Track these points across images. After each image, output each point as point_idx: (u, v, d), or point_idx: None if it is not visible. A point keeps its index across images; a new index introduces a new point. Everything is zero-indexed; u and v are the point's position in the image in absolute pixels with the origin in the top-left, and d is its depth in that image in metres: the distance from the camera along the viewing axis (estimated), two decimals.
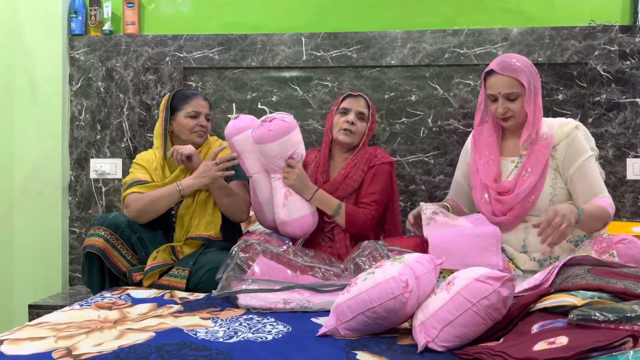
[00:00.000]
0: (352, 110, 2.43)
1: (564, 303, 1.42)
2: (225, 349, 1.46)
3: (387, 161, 2.44)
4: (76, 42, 3.07)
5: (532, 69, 2.12)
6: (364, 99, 2.47)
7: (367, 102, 2.47)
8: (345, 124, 2.42)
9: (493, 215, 2.16)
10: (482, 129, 2.25)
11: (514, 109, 2.09)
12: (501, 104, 2.09)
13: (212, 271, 2.14)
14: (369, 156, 2.44)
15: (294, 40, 2.97)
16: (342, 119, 2.43)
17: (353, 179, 2.39)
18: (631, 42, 2.81)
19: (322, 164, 2.47)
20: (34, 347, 1.49)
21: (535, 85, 2.10)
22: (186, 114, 2.43)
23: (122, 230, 2.28)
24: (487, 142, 2.22)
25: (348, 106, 2.45)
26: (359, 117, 2.44)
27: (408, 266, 1.59)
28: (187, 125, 2.43)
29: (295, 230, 2.30)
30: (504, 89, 2.08)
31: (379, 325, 1.59)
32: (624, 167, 2.82)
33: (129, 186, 2.36)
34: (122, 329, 1.65)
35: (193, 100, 2.45)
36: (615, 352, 1.17)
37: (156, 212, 2.31)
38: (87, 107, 3.07)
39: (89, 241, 2.25)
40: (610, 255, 1.85)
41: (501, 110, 2.10)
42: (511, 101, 2.09)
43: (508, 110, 2.09)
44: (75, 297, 2.70)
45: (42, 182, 3.03)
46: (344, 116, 2.44)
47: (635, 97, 2.82)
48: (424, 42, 2.92)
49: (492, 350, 1.34)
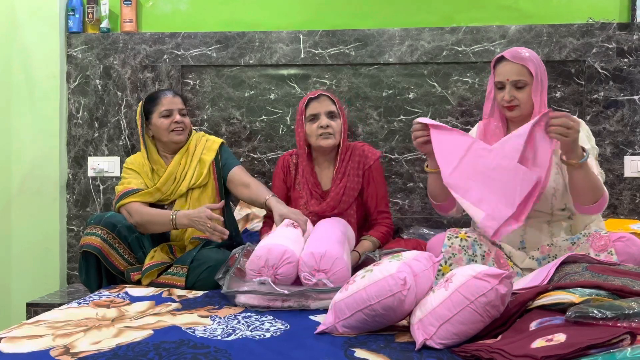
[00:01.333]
0: (321, 113, 2.34)
1: (562, 300, 1.43)
2: (223, 347, 1.46)
3: (377, 157, 2.43)
4: (74, 40, 3.06)
5: (540, 62, 2.12)
6: (327, 97, 2.38)
7: (330, 99, 2.38)
8: (321, 129, 2.33)
9: None
10: (490, 121, 2.24)
11: (520, 97, 2.09)
12: (508, 91, 2.09)
13: (210, 269, 2.14)
14: (359, 157, 2.40)
15: (292, 37, 2.97)
16: (315, 125, 2.34)
17: (353, 189, 2.37)
18: (629, 39, 2.81)
19: (310, 176, 2.41)
20: (32, 345, 1.49)
21: (542, 79, 2.10)
22: (159, 114, 2.40)
23: (119, 230, 2.28)
24: (494, 133, 2.21)
25: (315, 111, 2.35)
26: (330, 116, 2.36)
27: (406, 264, 1.59)
28: (163, 126, 2.39)
29: None
30: (512, 76, 2.09)
31: (377, 323, 1.59)
32: (621, 164, 2.83)
33: (124, 195, 2.33)
34: (120, 327, 1.65)
35: (162, 99, 2.42)
36: (613, 350, 1.17)
37: (152, 230, 2.33)
38: (85, 105, 3.06)
39: (85, 240, 2.24)
40: (609, 254, 1.85)
41: (507, 97, 2.09)
42: (518, 89, 2.09)
43: (514, 99, 2.09)
44: (73, 295, 2.70)
45: (39, 180, 3.03)
46: (315, 122, 2.35)
47: (633, 94, 2.82)
48: (422, 39, 2.91)
49: (490, 348, 1.34)
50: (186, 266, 2.20)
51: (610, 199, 2.78)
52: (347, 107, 2.94)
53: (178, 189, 2.39)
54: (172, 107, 2.41)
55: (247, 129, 3.01)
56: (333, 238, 2.05)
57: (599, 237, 1.91)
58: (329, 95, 2.39)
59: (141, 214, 2.30)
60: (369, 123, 2.95)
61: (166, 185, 2.38)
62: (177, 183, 2.40)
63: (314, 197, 2.39)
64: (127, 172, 2.44)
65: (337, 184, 2.37)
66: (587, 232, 1.99)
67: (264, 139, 3.01)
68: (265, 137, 3.01)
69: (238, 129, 3.01)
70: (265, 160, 3.00)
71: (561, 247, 2.01)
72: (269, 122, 3.00)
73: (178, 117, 2.40)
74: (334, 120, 2.36)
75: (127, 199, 2.32)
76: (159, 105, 2.40)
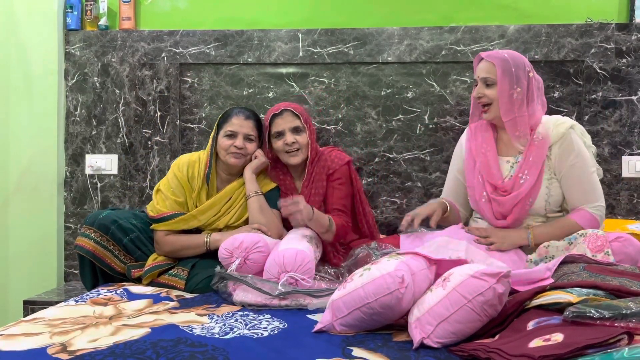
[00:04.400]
0: (285, 129, 2.34)
1: (559, 300, 1.43)
2: (221, 345, 1.46)
3: (343, 163, 2.41)
4: (72, 37, 3.05)
5: (519, 64, 2.12)
6: (290, 112, 2.35)
7: (293, 113, 2.35)
8: (286, 147, 2.34)
9: (494, 218, 2.17)
10: (479, 125, 2.26)
11: (488, 94, 2.14)
12: (478, 88, 2.15)
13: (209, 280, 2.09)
14: (324, 163, 2.40)
15: (291, 36, 2.97)
16: (280, 142, 2.35)
17: (318, 194, 2.37)
18: (627, 39, 2.82)
19: (289, 184, 2.44)
20: (28, 343, 1.49)
21: (519, 80, 2.10)
22: (224, 132, 2.32)
23: (112, 232, 2.24)
24: (484, 138, 2.22)
25: (279, 128, 2.34)
26: (295, 132, 2.35)
27: (404, 262, 1.60)
28: (223, 145, 2.31)
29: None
30: (481, 73, 2.16)
31: (374, 321, 1.59)
32: (619, 164, 2.83)
33: (159, 220, 2.27)
34: (117, 325, 1.65)
35: (233, 119, 2.33)
36: (610, 349, 1.17)
37: (184, 255, 2.26)
38: (83, 103, 3.05)
39: (79, 241, 2.23)
40: (605, 254, 1.85)
41: (475, 93, 2.16)
42: (487, 86, 2.14)
43: (484, 96, 2.14)
44: (70, 293, 2.69)
45: (37, 177, 3.02)
46: (281, 139, 2.34)
47: (631, 94, 2.83)
48: (420, 38, 2.91)
49: (488, 347, 1.34)
50: (187, 269, 2.19)
51: (608, 200, 2.80)
52: (345, 105, 2.94)
53: (216, 223, 2.31)
54: (238, 130, 2.31)
55: None
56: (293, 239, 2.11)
57: (595, 237, 1.92)
58: (292, 109, 2.37)
59: (172, 243, 2.25)
60: (367, 122, 2.95)
61: (205, 215, 2.29)
62: (217, 217, 2.31)
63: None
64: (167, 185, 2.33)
65: (304, 191, 2.39)
66: (584, 232, 2.00)
67: None
68: None
69: None
70: None
71: (558, 248, 2.01)
72: None
73: (239, 142, 2.30)
74: (299, 135, 2.35)
75: (163, 226, 2.26)
76: (227, 124, 2.33)
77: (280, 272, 1.94)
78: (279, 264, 1.94)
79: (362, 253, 2.09)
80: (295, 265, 1.93)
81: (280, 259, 1.95)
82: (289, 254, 1.95)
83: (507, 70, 2.09)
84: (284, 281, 1.89)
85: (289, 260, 1.94)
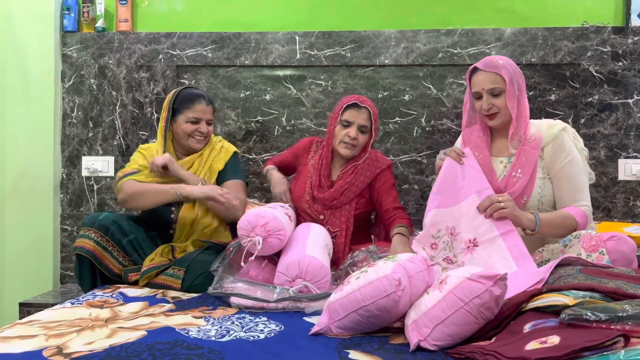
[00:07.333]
0: (355, 124, 2.34)
1: (556, 302, 1.43)
2: (217, 348, 1.45)
3: (388, 165, 2.44)
4: (69, 39, 3.05)
5: (515, 68, 2.16)
6: (368, 111, 2.36)
7: (370, 114, 2.36)
8: (347, 138, 2.35)
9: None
10: (472, 129, 2.27)
11: (498, 104, 2.13)
12: (485, 100, 2.14)
13: (206, 275, 2.10)
14: (370, 161, 2.41)
15: (288, 38, 2.97)
16: (344, 132, 2.35)
17: (357, 186, 2.38)
18: (623, 43, 2.83)
19: (325, 168, 2.42)
20: (24, 346, 1.48)
21: (519, 83, 2.13)
22: (186, 118, 2.38)
23: (112, 233, 2.24)
24: (477, 143, 2.23)
25: (351, 119, 2.34)
26: (362, 130, 2.36)
27: (401, 265, 1.60)
28: (186, 130, 2.39)
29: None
30: (487, 85, 2.13)
31: (371, 324, 1.59)
32: (615, 167, 2.84)
33: (125, 175, 2.35)
34: (113, 328, 1.64)
35: (195, 105, 2.39)
36: (607, 352, 1.17)
37: (144, 203, 2.31)
38: (80, 105, 3.05)
39: (78, 242, 2.22)
40: (600, 253, 1.85)
41: (485, 105, 2.13)
42: (495, 96, 2.13)
43: (493, 106, 2.13)
44: (66, 296, 2.69)
45: (33, 179, 3.01)
46: (346, 129, 2.35)
47: (627, 98, 2.83)
48: (417, 41, 2.92)
49: (484, 350, 1.34)
50: (183, 269, 2.19)
51: (604, 202, 2.81)
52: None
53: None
54: (202, 116, 2.39)
55: (242, 129, 3.01)
56: (317, 246, 2.08)
57: (589, 237, 1.92)
58: (371, 109, 2.37)
59: (134, 185, 2.30)
60: None
61: (171, 179, 2.35)
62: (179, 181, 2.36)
63: (320, 184, 2.40)
64: (138, 155, 2.43)
65: (344, 178, 2.39)
66: (577, 233, 2.00)
67: (259, 139, 3.01)
68: (260, 137, 3.01)
69: (233, 130, 3.01)
70: (260, 161, 3.00)
71: (553, 251, 2.02)
72: (264, 123, 3.00)
73: (203, 128, 2.39)
74: (362, 135, 2.37)
75: (129, 177, 2.32)
76: (190, 111, 2.38)
77: (299, 276, 1.92)
78: (302, 269, 1.92)
79: (360, 256, 2.09)
80: (315, 278, 1.91)
81: (305, 265, 1.92)
82: (315, 264, 1.93)
83: (511, 77, 2.11)
84: (296, 288, 1.88)
85: (312, 269, 1.92)
